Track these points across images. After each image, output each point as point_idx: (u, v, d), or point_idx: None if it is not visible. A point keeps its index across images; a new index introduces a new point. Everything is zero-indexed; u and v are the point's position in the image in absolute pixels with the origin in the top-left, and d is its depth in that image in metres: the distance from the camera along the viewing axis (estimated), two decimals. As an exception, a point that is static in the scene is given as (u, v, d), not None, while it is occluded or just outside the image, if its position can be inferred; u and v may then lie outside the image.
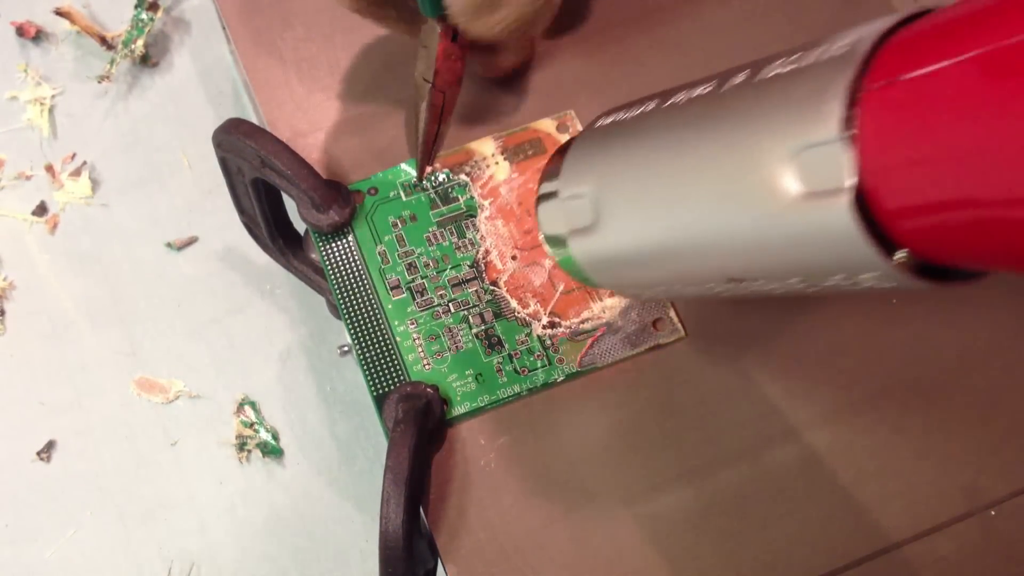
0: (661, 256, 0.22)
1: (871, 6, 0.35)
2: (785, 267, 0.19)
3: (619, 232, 0.23)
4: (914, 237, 0.16)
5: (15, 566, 0.47)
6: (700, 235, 0.20)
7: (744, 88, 0.19)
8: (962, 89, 0.13)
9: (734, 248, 0.19)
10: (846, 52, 0.16)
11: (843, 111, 0.15)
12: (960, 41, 0.14)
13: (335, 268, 0.31)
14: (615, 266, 0.24)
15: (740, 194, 0.18)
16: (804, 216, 0.17)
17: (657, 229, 0.21)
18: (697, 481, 0.29)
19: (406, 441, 0.27)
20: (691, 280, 0.22)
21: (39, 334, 0.51)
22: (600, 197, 0.23)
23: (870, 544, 0.28)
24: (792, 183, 0.17)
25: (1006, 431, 0.29)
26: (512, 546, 0.28)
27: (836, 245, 0.17)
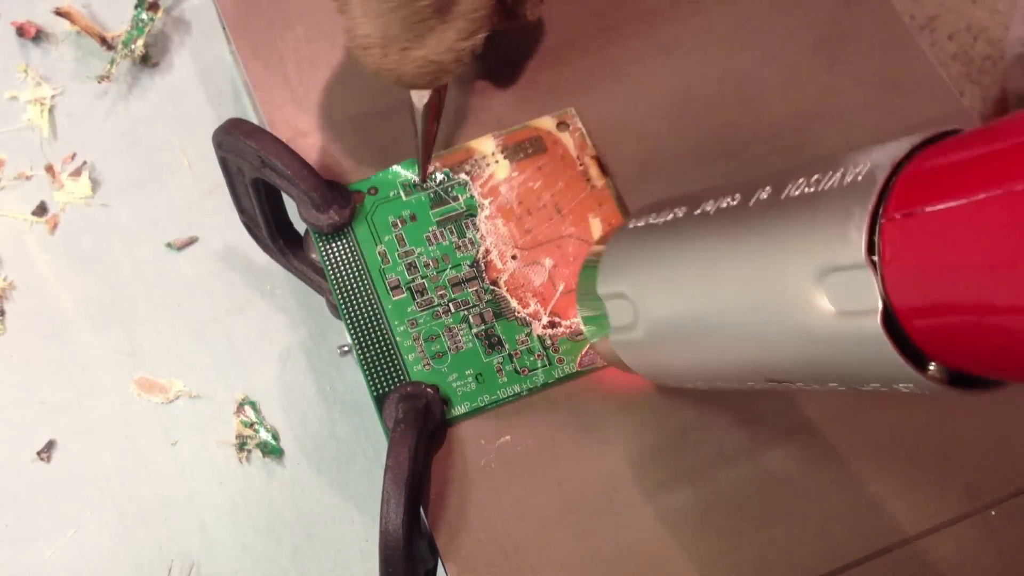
0: (698, 360, 0.23)
1: (870, 6, 0.35)
2: (821, 374, 0.20)
3: (656, 334, 0.24)
4: (943, 351, 0.16)
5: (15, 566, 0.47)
6: (735, 342, 0.21)
7: (769, 205, 0.20)
8: (975, 225, 0.14)
9: (769, 356, 0.20)
10: (864, 180, 0.17)
11: (866, 238, 0.16)
12: (973, 179, 0.15)
13: (335, 268, 0.31)
14: (653, 363, 0.25)
15: (772, 308, 0.19)
16: (837, 332, 0.18)
17: (692, 336, 0.22)
18: (697, 481, 0.29)
19: (406, 441, 0.27)
20: (731, 379, 0.23)
21: (39, 334, 0.51)
22: (637, 300, 0.24)
23: (870, 544, 0.28)
24: (823, 302, 0.18)
25: (1006, 431, 0.29)
26: (512, 546, 0.28)
27: (870, 359, 0.17)
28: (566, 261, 0.31)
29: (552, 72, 0.34)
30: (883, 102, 0.34)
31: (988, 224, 0.14)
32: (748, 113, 0.34)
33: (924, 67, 0.35)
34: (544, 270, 0.31)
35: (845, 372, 0.19)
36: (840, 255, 0.17)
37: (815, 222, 0.18)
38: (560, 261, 0.31)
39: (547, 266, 0.31)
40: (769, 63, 0.34)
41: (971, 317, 0.15)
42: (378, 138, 0.33)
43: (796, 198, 0.19)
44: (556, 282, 0.31)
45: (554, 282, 0.31)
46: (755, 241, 0.20)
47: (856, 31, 0.35)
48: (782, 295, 0.19)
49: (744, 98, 0.34)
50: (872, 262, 0.16)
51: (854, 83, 0.34)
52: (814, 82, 0.34)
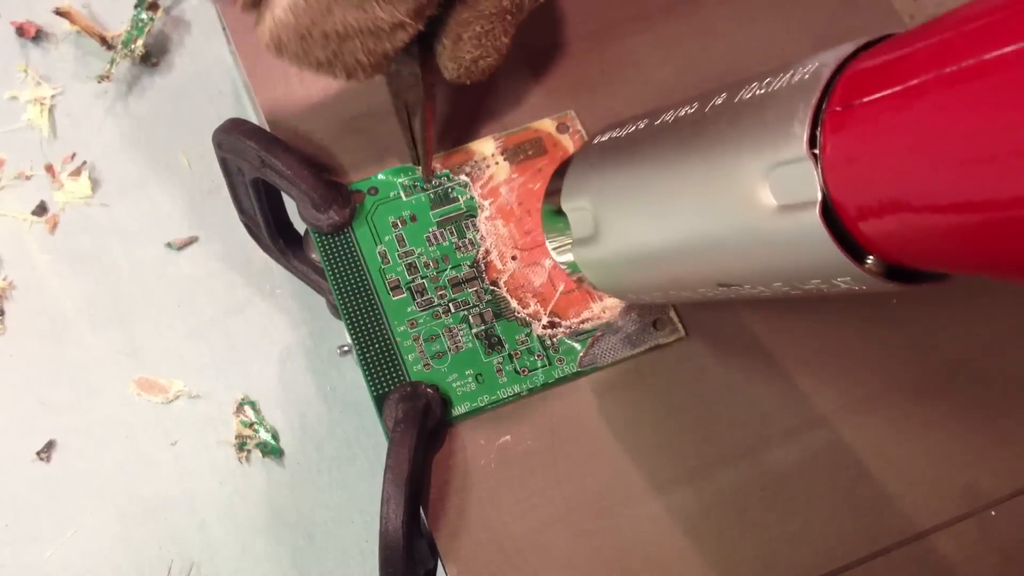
0: (654, 265, 0.24)
1: (869, 6, 0.35)
2: (767, 273, 0.20)
3: (616, 243, 0.25)
4: (879, 243, 0.17)
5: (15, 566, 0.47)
6: (689, 246, 0.22)
7: (723, 109, 0.21)
8: (908, 111, 0.15)
9: (720, 257, 0.21)
10: (810, 78, 0.18)
11: (808, 132, 0.17)
12: (907, 69, 0.15)
13: (335, 268, 0.31)
14: (613, 273, 0.26)
15: (722, 208, 0.20)
16: (780, 227, 0.18)
17: (650, 240, 0.23)
18: (697, 481, 0.29)
19: (406, 441, 0.27)
20: (684, 285, 0.24)
21: (39, 334, 0.51)
22: (598, 211, 0.25)
23: (870, 544, 0.28)
24: (768, 197, 0.18)
25: (1006, 431, 0.29)
26: (512, 546, 0.28)
27: (811, 253, 0.18)
28: (566, 261, 0.31)
29: (552, 74, 0.34)
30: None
31: (920, 111, 0.15)
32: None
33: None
34: (544, 270, 0.31)
35: (788, 269, 0.19)
36: (784, 150, 0.18)
37: (763, 120, 0.19)
38: (560, 261, 0.31)
39: (547, 267, 0.31)
40: (769, 63, 0.34)
41: (905, 209, 0.16)
42: (378, 138, 0.33)
43: (747, 100, 0.20)
44: (556, 282, 0.31)
45: (554, 282, 0.31)
46: (708, 144, 0.20)
47: (856, 31, 0.35)
48: (731, 194, 0.19)
49: (744, 98, 0.34)
50: (813, 155, 0.17)
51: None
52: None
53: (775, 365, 0.30)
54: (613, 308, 0.31)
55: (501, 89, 0.34)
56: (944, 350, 0.30)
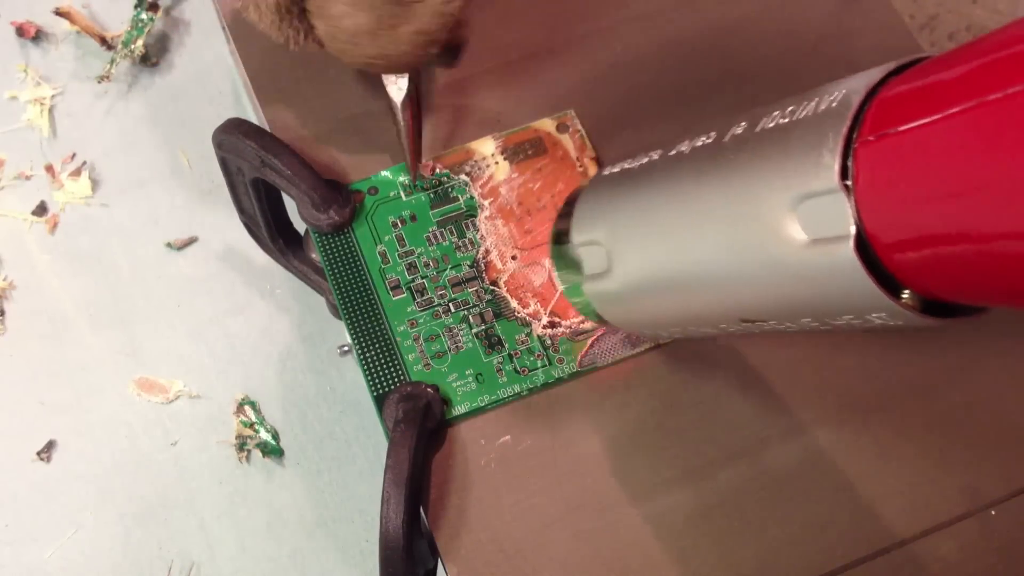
0: (673, 300, 0.23)
1: (869, 5, 0.35)
2: (795, 309, 0.20)
3: (631, 277, 0.24)
4: (915, 277, 0.16)
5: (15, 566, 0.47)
6: (710, 281, 0.21)
7: (743, 139, 0.20)
8: (947, 141, 0.15)
9: (744, 293, 0.20)
10: (838, 105, 0.17)
11: (839, 163, 0.16)
12: (944, 96, 0.15)
13: (335, 268, 0.31)
14: (628, 309, 0.25)
15: (746, 242, 0.19)
16: (810, 261, 0.18)
17: (667, 276, 0.22)
18: (697, 481, 0.29)
19: (406, 441, 0.27)
20: (705, 321, 0.23)
21: (39, 334, 0.51)
22: (612, 244, 0.24)
23: (870, 544, 0.28)
24: (797, 231, 0.18)
25: (1006, 431, 0.29)
26: (512, 546, 0.28)
27: (843, 288, 0.17)
28: (566, 261, 0.31)
29: (552, 74, 0.34)
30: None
31: (959, 140, 0.14)
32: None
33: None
34: (544, 270, 0.31)
35: (818, 304, 0.19)
36: (814, 181, 0.17)
37: (789, 150, 0.18)
38: (560, 261, 0.31)
39: (547, 266, 0.31)
40: (769, 64, 0.34)
41: (945, 240, 0.15)
42: (378, 138, 0.33)
43: (771, 129, 0.19)
44: (556, 282, 0.31)
45: (554, 282, 0.31)
46: (729, 175, 0.20)
47: (856, 31, 0.35)
48: (756, 227, 0.19)
49: (745, 98, 0.34)
50: (846, 187, 0.16)
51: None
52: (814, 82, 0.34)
53: (775, 365, 0.30)
54: (613, 308, 0.31)
55: (501, 89, 0.34)
56: (943, 350, 0.30)
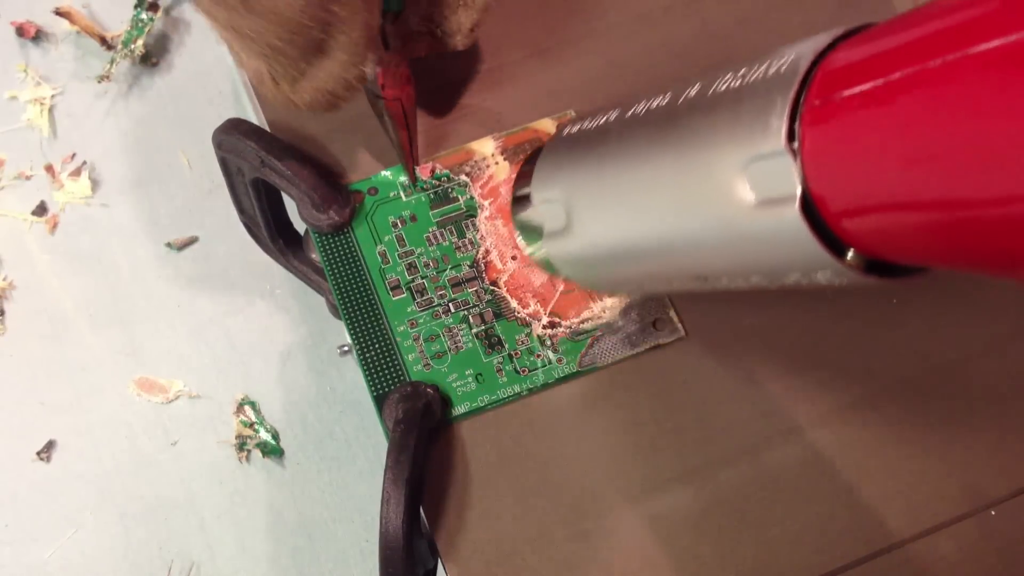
0: (628, 258, 0.23)
1: (870, 6, 0.35)
2: (745, 268, 0.20)
3: (588, 236, 0.24)
4: (859, 237, 0.17)
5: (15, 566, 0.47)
6: (663, 240, 0.21)
7: (696, 101, 0.20)
8: (888, 106, 0.15)
9: (696, 252, 0.21)
10: (787, 70, 0.17)
11: (787, 126, 0.17)
12: (886, 63, 0.15)
13: (335, 268, 0.31)
14: (586, 266, 0.26)
15: (697, 203, 0.20)
16: (758, 222, 0.18)
17: (623, 234, 0.23)
18: (697, 481, 0.29)
19: (406, 441, 0.27)
20: (659, 278, 0.24)
21: (39, 334, 0.51)
22: (570, 203, 0.24)
23: (870, 544, 0.28)
24: (746, 192, 0.18)
25: (1006, 431, 0.29)
26: (512, 546, 0.28)
27: (790, 247, 0.18)
28: (566, 261, 0.31)
29: (552, 74, 0.34)
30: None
31: (901, 106, 0.15)
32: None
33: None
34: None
35: (766, 263, 0.19)
36: (762, 144, 0.17)
37: (739, 113, 0.18)
38: (560, 261, 0.31)
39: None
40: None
41: (885, 204, 0.16)
42: (378, 138, 0.33)
43: (722, 93, 0.19)
44: (556, 282, 0.31)
45: (554, 282, 0.31)
46: (681, 136, 0.20)
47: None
48: (707, 187, 0.19)
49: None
50: (792, 149, 0.17)
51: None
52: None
53: (775, 365, 0.30)
54: (613, 308, 0.31)
55: (501, 89, 0.34)
56: (944, 350, 0.30)
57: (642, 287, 0.25)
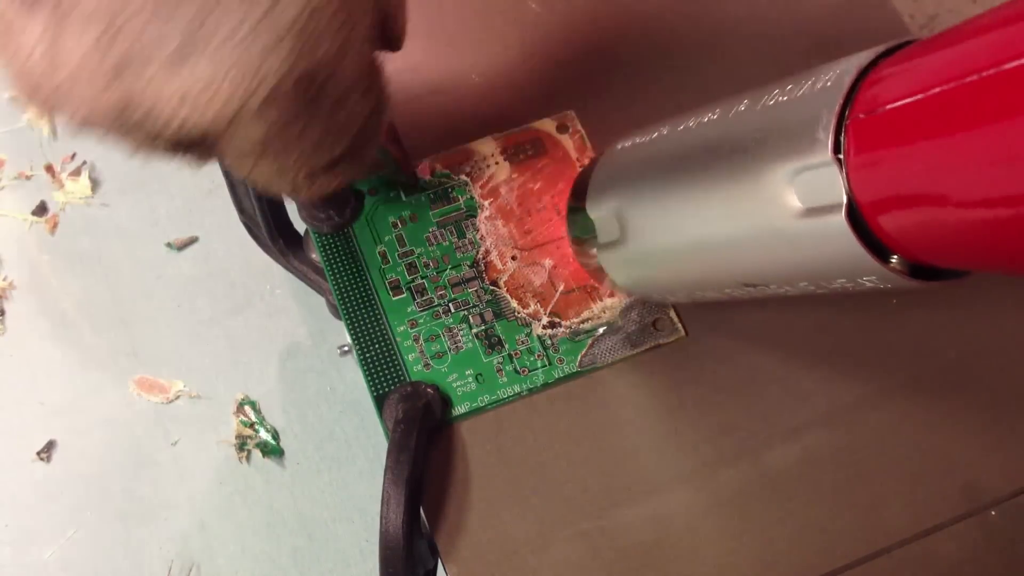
0: (681, 266, 0.25)
1: (869, 6, 0.35)
2: (793, 274, 0.21)
3: (642, 246, 0.25)
4: (902, 243, 0.18)
5: (15, 566, 0.47)
6: (715, 248, 0.23)
7: (746, 116, 0.21)
8: (929, 118, 0.16)
9: (746, 259, 0.22)
10: (832, 85, 0.18)
11: (832, 138, 0.18)
12: (926, 78, 0.16)
13: (335, 268, 0.31)
14: (640, 275, 0.27)
15: (748, 211, 0.21)
16: (806, 229, 0.19)
17: (676, 243, 0.24)
18: (697, 481, 0.29)
19: (406, 441, 0.27)
20: (710, 286, 0.25)
21: (39, 334, 0.51)
22: (624, 214, 0.26)
23: (870, 544, 0.28)
24: (794, 201, 0.19)
25: (1006, 431, 0.29)
26: (512, 546, 0.28)
27: (837, 253, 0.19)
28: (566, 262, 0.31)
29: (552, 75, 0.34)
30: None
31: (940, 119, 0.16)
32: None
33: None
34: (544, 271, 0.31)
35: (814, 269, 0.20)
36: (809, 155, 0.18)
37: (787, 126, 0.19)
38: (560, 262, 0.31)
39: (547, 267, 0.31)
40: (768, 63, 0.34)
41: (927, 210, 0.17)
42: (378, 138, 0.33)
43: (771, 107, 0.20)
44: (556, 283, 0.31)
45: (554, 283, 0.31)
46: (733, 149, 0.21)
47: (856, 31, 0.35)
48: (757, 197, 0.20)
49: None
50: (838, 160, 0.18)
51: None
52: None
53: (775, 365, 0.30)
54: (613, 308, 0.31)
55: (501, 89, 0.34)
56: (944, 350, 0.30)
57: (692, 295, 0.26)
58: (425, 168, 0.32)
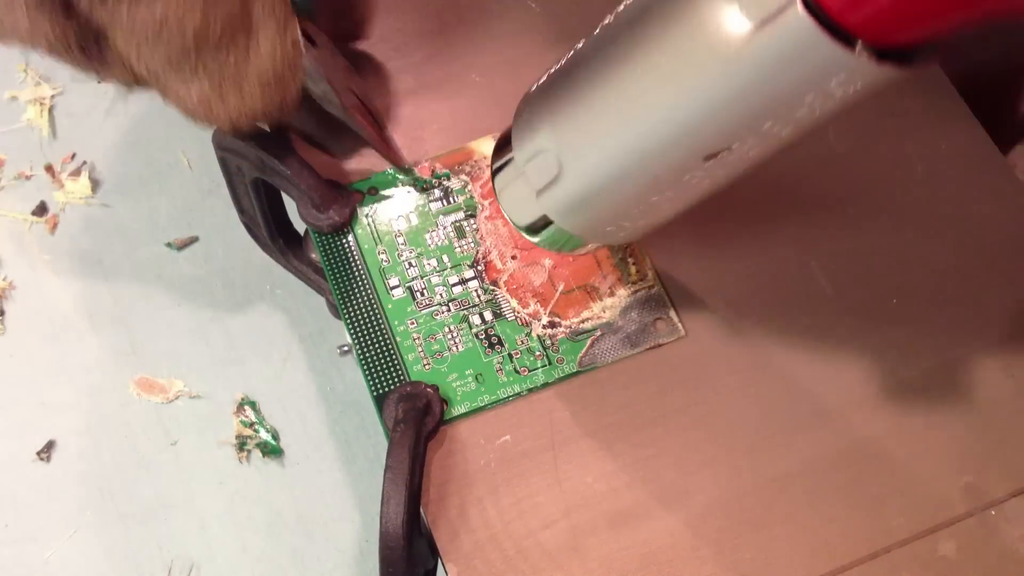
0: (632, 172, 0.23)
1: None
2: (755, 114, 0.20)
3: (586, 165, 0.23)
4: (863, 21, 0.17)
5: (15, 566, 0.47)
6: (664, 126, 0.21)
7: None
8: None
9: (701, 120, 0.20)
10: None
11: None
12: None
13: (335, 268, 0.31)
14: (593, 204, 0.24)
15: (692, 59, 0.19)
16: (761, 47, 0.18)
17: (622, 140, 0.22)
18: (697, 481, 0.29)
19: (406, 441, 0.27)
20: (670, 180, 0.22)
21: (39, 334, 0.51)
22: (558, 142, 0.24)
23: (870, 544, 0.28)
24: (740, 22, 0.18)
25: (1006, 431, 0.29)
26: (512, 546, 0.28)
27: (799, 59, 0.18)
28: (566, 261, 0.31)
29: (552, 72, 0.34)
30: (882, 101, 0.34)
31: None
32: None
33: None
34: (544, 270, 0.31)
35: (777, 94, 0.19)
36: None
37: None
38: (559, 261, 0.31)
39: (547, 266, 0.31)
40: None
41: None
42: (378, 138, 0.33)
43: None
44: (556, 282, 0.31)
45: (554, 282, 0.31)
46: (657, 9, 0.20)
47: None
48: (699, 37, 0.19)
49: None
50: None
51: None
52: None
53: (775, 365, 0.30)
54: (613, 308, 0.31)
55: (501, 89, 0.34)
56: (943, 350, 0.30)
57: (653, 208, 0.24)
58: (425, 168, 0.32)
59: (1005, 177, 0.33)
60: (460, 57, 0.35)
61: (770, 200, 0.33)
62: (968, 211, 0.33)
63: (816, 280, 0.31)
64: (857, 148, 0.33)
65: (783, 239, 0.32)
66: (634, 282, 0.31)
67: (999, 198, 0.33)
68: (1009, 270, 0.32)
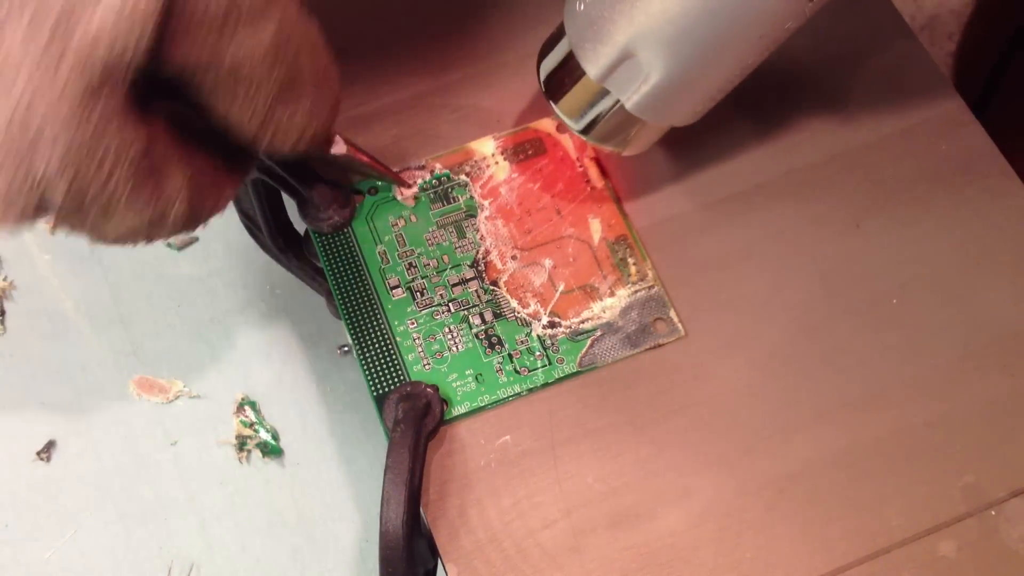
0: (713, 46, 0.25)
1: (870, 6, 0.35)
2: None
3: (673, 51, 0.25)
4: None
5: (15, 566, 0.47)
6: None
7: None
8: None
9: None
10: None
11: None
12: None
13: (335, 268, 0.31)
14: (686, 89, 0.26)
15: None
16: None
17: (698, 20, 0.24)
18: (696, 481, 0.29)
19: (406, 441, 0.27)
20: (740, 57, 0.26)
21: (39, 334, 0.51)
22: (642, 44, 0.25)
23: (870, 544, 0.28)
24: None
25: (1006, 431, 0.29)
26: (512, 546, 0.28)
27: None
28: (566, 261, 0.31)
29: (552, 72, 0.34)
30: (883, 101, 0.34)
31: None
32: (746, 112, 0.34)
33: (925, 66, 0.35)
34: (544, 270, 0.31)
35: None
36: None
37: None
38: (560, 261, 0.31)
39: (547, 266, 0.31)
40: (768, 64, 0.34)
41: None
42: (378, 138, 0.33)
43: None
44: (556, 282, 0.31)
45: (554, 282, 0.31)
46: None
47: (857, 31, 0.35)
48: None
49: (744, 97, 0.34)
50: None
51: (854, 82, 0.34)
52: (815, 83, 0.34)
53: (775, 365, 0.30)
54: (613, 308, 0.31)
55: (501, 89, 0.34)
56: (943, 350, 0.30)
57: (732, 73, 0.26)
58: (424, 171, 0.32)
59: (1005, 177, 0.33)
60: (460, 57, 0.35)
61: (770, 200, 0.33)
62: (968, 211, 0.33)
63: (816, 280, 0.31)
64: (857, 148, 0.33)
65: (783, 239, 0.32)
66: (634, 282, 0.31)
67: (999, 198, 0.33)
68: (1009, 270, 0.32)
